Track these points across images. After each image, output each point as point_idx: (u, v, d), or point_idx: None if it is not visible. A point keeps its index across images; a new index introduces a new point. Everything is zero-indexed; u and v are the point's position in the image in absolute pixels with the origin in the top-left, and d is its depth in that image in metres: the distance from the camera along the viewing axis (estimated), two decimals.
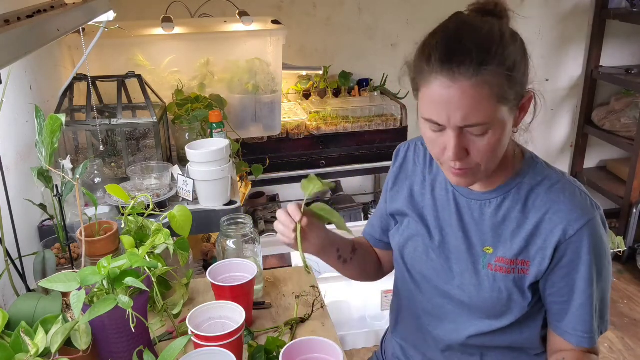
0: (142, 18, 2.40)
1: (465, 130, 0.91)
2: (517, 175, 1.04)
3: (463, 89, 0.87)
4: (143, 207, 1.26)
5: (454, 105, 0.89)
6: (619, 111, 3.13)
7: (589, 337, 1.03)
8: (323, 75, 2.84)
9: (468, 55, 0.87)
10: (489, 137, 0.92)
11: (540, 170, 1.04)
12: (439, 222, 1.11)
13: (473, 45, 0.88)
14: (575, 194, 1.01)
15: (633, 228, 3.02)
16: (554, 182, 1.02)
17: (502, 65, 0.88)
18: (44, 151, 1.18)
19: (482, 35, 0.89)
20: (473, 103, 0.88)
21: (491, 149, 0.93)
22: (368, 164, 2.69)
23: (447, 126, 0.91)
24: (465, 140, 0.93)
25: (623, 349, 2.54)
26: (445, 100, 0.89)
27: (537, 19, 3.10)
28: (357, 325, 2.37)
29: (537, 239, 1.01)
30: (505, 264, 1.03)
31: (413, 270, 1.16)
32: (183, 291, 1.27)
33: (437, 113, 0.91)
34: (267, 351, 1.07)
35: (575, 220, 0.98)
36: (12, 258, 1.14)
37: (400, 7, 2.88)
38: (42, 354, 0.90)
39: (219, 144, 1.57)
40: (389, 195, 1.22)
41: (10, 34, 0.85)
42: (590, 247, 0.99)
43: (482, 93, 0.87)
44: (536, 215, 1.01)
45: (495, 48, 0.88)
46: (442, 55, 0.88)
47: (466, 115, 0.89)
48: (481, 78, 0.87)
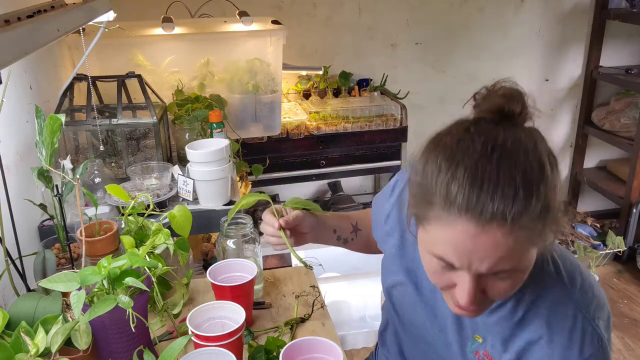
0: (142, 18, 2.41)
1: (485, 275, 0.76)
2: (524, 286, 0.86)
3: (496, 238, 0.71)
4: (143, 207, 1.26)
5: (480, 254, 0.73)
6: (619, 111, 3.13)
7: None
8: (323, 75, 2.84)
9: (502, 202, 0.70)
10: (514, 278, 0.78)
11: (548, 284, 0.87)
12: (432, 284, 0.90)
13: (509, 186, 0.70)
14: (577, 324, 0.84)
15: (633, 228, 3.02)
16: (558, 304, 0.86)
17: (539, 209, 0.72)
18: (44, 151, 1.18)
19: (517, 168, 0.72)
20: (505, 253, 0.72)
21: (514, 287, 0.80)
22: (368, 164, 2.69)
23: (464, 270, 0.76)
24: (483, 282, 0.77)
25: (623, 349, 2.54)
26: (470, 248, 0.73)
27: (537, 19, 3.11)
28: (357, 325, 2.37)
29: (529, 356, 0.87)
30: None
31: (400, 313, 1.10)
32: (183, 291, 1.27)
33: (456, 258, 0.75)
34: (267, 351, 1.07)
35: (569, 357, 0.83)
36: (12, 258, 1.14)
37: (400, 7, 2.88)
38: (42, 354, 0.90)
39: (219, 144, 1.57)
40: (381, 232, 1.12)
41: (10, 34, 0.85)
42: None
43: (518, 240, 0.72)
44: (530, 334, 0.87)
45: (536, 186, 0.72)
46: (468, 198, 0.71)
47: (494, 265, 0.74)
48: (518, 226, 0.71)
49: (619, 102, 3.17)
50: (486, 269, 0.74)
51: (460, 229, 0.72)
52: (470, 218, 0.71)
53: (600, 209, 3.47)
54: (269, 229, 1.09)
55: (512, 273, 0.76)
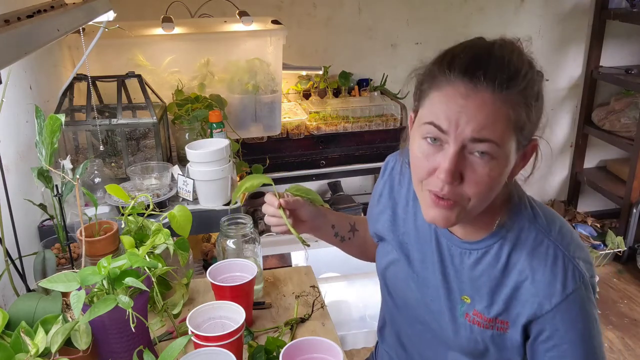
0: (142, 18, 2.40)
1: (468, 150, 0.82)
2: (501, 226, 0.95)
3: (484, 100, 0.80)
4: (143, 207, 1.26)
5: (469, 115, 0.80)
6: (619, 111, 3.13)
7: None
8: (323, 75, 2.84)
9: (498, 67, 0.80)
10: (492, 166, 0.83)
11: (527, 224, 0.94)
12: (422, 255, 1.05)
13: (504, 60, 0.81)
14: (558, 263, 0.91)
15: (633, 228, 3.02)
16: (538, 244, 0.92)
17: (527, 91, 0.82)
18: (44, 151, 1.18)
19: (512, 55, 0.83)
20: (491, 118, 0.80)
21: (490, 181, 0.84)
22: (368, 164, 2.69)
23: (451, 136, 0.82)
24: (463, 164, 0.83)
25: (623, 349, 2.54)
26: (460, 107, 0.81)
27: (537, 19, 3.11)
28: (357, 325, 2.37)
29: (515, 301, 0.94)
30: (483, 320, 0.97)
31: (395, 294, 1.13)
32: (183, 291, 1.27)
33: (447, 119, 0.82)
34: (267, 351, 1.07)
35: (553, 294, 0.89)
36: (12, 258, 1.14)
37: (400, 7, 2.88)
38: (42, 354, 0.90)
39: (219, 144, 1.57)
40: (374, 213, 1.16)
41: (10, 34, 0.85)
42: (571, 322, 0.90)
43: (503, 111, 0.80)
44: (515, 278, 0.93)
45: (525, 72, 0.82)
46: (468, 62, 0.82)
47: (480, 128, 0.80)
48: (506, 95, 0.80)
49: (619, 102, 3.17)
50: (470, 131, 0.80)
51: (455, 88, 0.81)
52: (464, 79, 0.81)
53: (600, 209, 3.47)
54: (269, 208, 1.11)
55: (491, 156, 0.82)
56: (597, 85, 3.29)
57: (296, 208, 1.12)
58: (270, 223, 1.13)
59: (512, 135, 0.82)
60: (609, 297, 2.86)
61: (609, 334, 2.63)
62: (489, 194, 0.87)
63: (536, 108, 0.84)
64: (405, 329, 1.15)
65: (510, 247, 0.94)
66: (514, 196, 0.96)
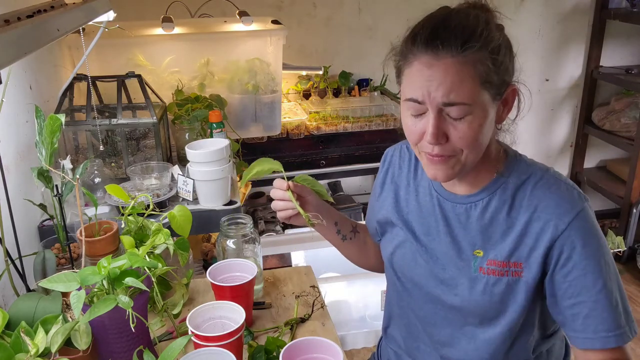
0: (142, 18, 2.40)
1: (445, 112, 0.91)
2: (501, 175, 1.02)
3: (446, 66, 0.88)
4: (143, 207, 1.26)
5: (437, 82, 0.89)
6: (619, 111, 3.13)
7: (614, 335, 0.96)
8: (323, 75, 2.84)
9: (453, 34, 0.88)
10: (470, 122, 0.91)
11: (524, 168, 1.02)
12: (425, 227, 1.10)
13: (458, 26, 0.90)
14: (561, 187, 0.99)
15: (633, 228, 3.02)
16: (538, 179, 1.00)
17: (486, 47, 0.89)
18: (44, 151, 1.18)
19: (467, 19, 0.91)
20: (456, 80, 0.88)
21: (473, 135, 0.92)
22: (368, 164, 2.69)
23: (427, 104, 0.90)
24: (445, 124, 0.92)
25: None
26: (428, 77, 0.89)
27: (537, 19, 3.11)
28: (357, 325, 2.37)
29: (527, 239, 0.99)
30: (497, 266, 1.01)
31: (403, 277, 1.15)
32: (183, 291, 1.27)
33: (419, 90, 0.91)
34: (267, 351, 1.07)
35: (564, 213, 0.96)
36: (12, 258, 1.14)
37: (400, 7, 2.88)
38: (42, 354, 0.90)
39: (219, 144, 1.57)
40: (377, 204, 1.20)
41: (10, 34, 0.85)
42: (586, 238, 0.96)
43: (465, 71, 0.88)
44: (524, 215, 0.99)
45: (480, 30, 0.89)
46: (427, 35, 0.90)
47: (448, 92, 0.88)
48: (465, 57, 0.88)
49: (619, 102, 3.17)
50: (442, 95, 0.88)
51: (420, 61, 0.90)
52: (427, 51, 0.89)
53: (600, 209, 3.47)
54: (278, 192, 1.13)
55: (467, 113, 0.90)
56: (597, 85, 3.29)
57: (303, 194, 1.14)
58: (277, 208, 1.14)
59: (481, 90, 0.90)
60: None
61: None
62: (478, 144, 0.94)
63: (501, 58, 0.91)
64: (417, 313, 1.15)
65: (513, 189, 1.01)
66: (510, 149, 1.05)
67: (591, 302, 0.96)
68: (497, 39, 0.91)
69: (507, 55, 0.93)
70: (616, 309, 0.97)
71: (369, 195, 1.25)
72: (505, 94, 0.95)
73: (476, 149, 0.94)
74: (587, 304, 0.97)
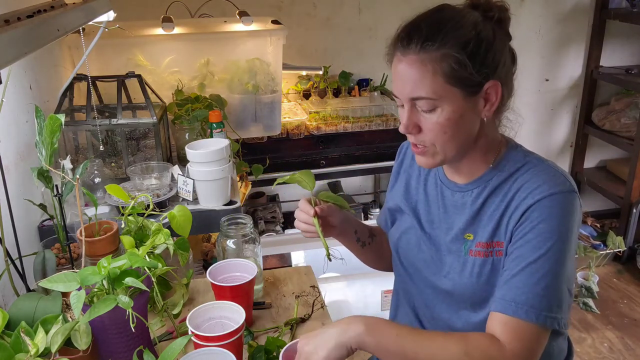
0: (142, 18, 2.40)
1: (418, 105, 0.96)
2: (497, 164, 1.05)
3: (410, 62, 0.94)
4: (143, 207, 1.26)
5: (404, 78, 0.96)
6: (619, 111, 3.13)
7: (515, 306, 0.93)
8: (323, 75, 2.84)
9: (418, 33, 0.94)
10: (438, 115, 0.95)
11: (521, 158, 1.04)
12: (430, 215, 1.15)
13: (425, 24, 0.95)
14: (549, 172, 1.00)
15: (633, 228, 3.02)
16: (531, 167, 1.02)
17: (448, 45, 0.92)
18: (44, 151, 1.18)
19: (438, 17, 0.96)
20: (417, 76, 0.94)
21: (441, 128, 0.96)
22: (368, 164, 2.69)
23: (401, 98, 0.98)
24: (417, 116, 0.98)
25: (623, 349, 2.54)
26: (399, 73, 0.97)
27: (537, 19, 3.10)
28: None
29: (505, 217, 1.01)
30: (482, 248, 1.03)
31: (406, 262, 1.19)
32: (183, 291, 1.27)
33: (394, 85, 0.99)
34: (267, 351, 1.07)
35: (539, 192, 0.97)
36: (12, 258, 1.14)
37: (400, 7, 2.88)
38: (42, 354, 0.90)
39: (219, 144, 1.57)
40: (389, 194, 1.26)
41: (10, 34, 0.85)
42: (547, 218, 0.95)
43: (426, 68, 0.93)
44: (509, 196, 1.01)
45: (447, 29, 0.93)
46: (401, 35, 0.97)
47: (412, 88, 0.95)
48: (425, 54, 0.93)
49: (619, 102, 3.17)
50: (408, 90, 0.95)
51: (395, 58, 0.98)
52: (399, 49, 0.97)
53: (600, 209, 3.47)
54: (303, 215, 1.14)
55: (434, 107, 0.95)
56: (597, 85, 3.28)
57: (329, 215, 1.15)
58: (301, 228, 1.16)
59: (447, 85, 0.94)
60: (609, 297, 2.86)
61: (609, 334, 2.63)
62: (449, 137, 0.98)
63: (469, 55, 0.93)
64: (417, 299, 1.19)
65: (507, 175, 1.03)
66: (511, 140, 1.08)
67: (516, 270, 0.95)
68: (465, 37, 0.93)
69: (484, 52, 0.94)
70: (535, 287, 0.93)
71: (369, 196, 1.28)
72: (484, 90, 0.96)
73: (449, 141, 0.98)
74: (511, 270, 0.96)
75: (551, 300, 0.93)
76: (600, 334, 2.63)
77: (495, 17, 0.98)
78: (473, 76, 0.94)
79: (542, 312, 0.92)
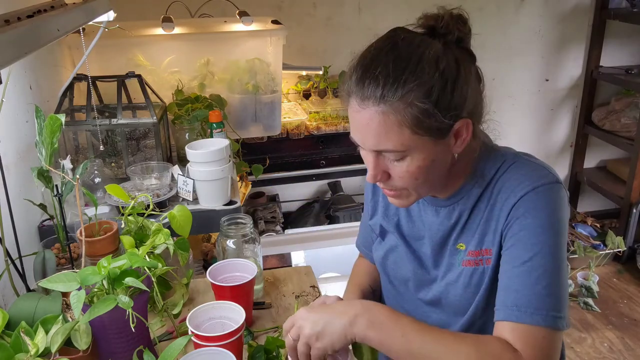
0: (142, 18, 2.40)
1: (383, 153, 0.91)
2: (475, 171, 1.00)
3: (370, 114, 0.87)
4: (143, 207, 1.26)
5: (365, 130, 0.89)
6: (619, 111, 3.13)
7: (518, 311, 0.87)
8: (323, 75, 2.84)
9: (375, 81, 0.85)
10: (408, 164, 0.90)
11: (498, 157, 0.99)
12: (414, 231, 1.10)
13: (383, 71, 0.85)
14: (529, 167, 0.96)
15: (633, 228, 3.02)
16: (510, 163, 0.97)
17: (410, 94, 0.84)
18: (44, 151, 1.18)
19: (395, 61, 0.86)
20: (381, 130, 0.87)
21: (412, 175, 0.91)
22: None
23: (364, 149, 0.92)
24: (384, 163, 0.92)
25: (623, 349, 2.54)
26: (357, 123, 0.90)
27: (537, 19, 3.11)
28: None
29: (491, 222, 0.97)
30: (472, 256, 1.00)
31: (395, 281, 1.15)
32: (183, 291, 1.27)
33: (355, 134, 0.92)
34: (267, 351, 1.07)
35: (521, 188, 0.92)
36: (12, 258, 1.14)
37: (400, 7, 2.88)
38: (42, 354, 0.90)
39: (219, 144, 1.57)
40: (370, 207, 1.21)
41: (10, 34, 0.85)
42: (534, 211, 0.91)
43: (389, 121, 0.86)
44: (492, 200, 0.97)
45: (405, 75, 0.85)
46: (358, 77, 0.88)
47: (376, 141, 0.88)
48: (386, 107, 0.85)
49: (619, 102, 3.17)
50: (372, 144, 0.89)
51: (352, 108, 0.89)
52: (355, 97, 0.88)
53: (600, 209, 3.47)
54: None
55: (402, 157, 0.89)
56: (597, 85, 3.29)
57: None
58: None
59: (413, 134, 0.87)
60: (609, 297, 2.86)
61: (609, 334, 2.63)
62: (421, 181, 0.93)
63: (437, 98, 0.85)
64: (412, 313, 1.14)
65: (488, 180, 0.98)
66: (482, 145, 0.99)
67: (512, 273, 0.91)
68: (427, 84, 0.85)
69: (449, 94, 0.87)
70: (534, 287, 0.88)
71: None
72: (453, 130, 0.90)
73: (422, 184, 0.94)
74: (507, 273, 0.92)
75: (554, 298, 0.88)
76: (600, 334, 2.63)
77: (455, 39, 0.91)
78: (442, 123, 0.87)
79: (548, 312, 0.87)
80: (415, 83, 0.84)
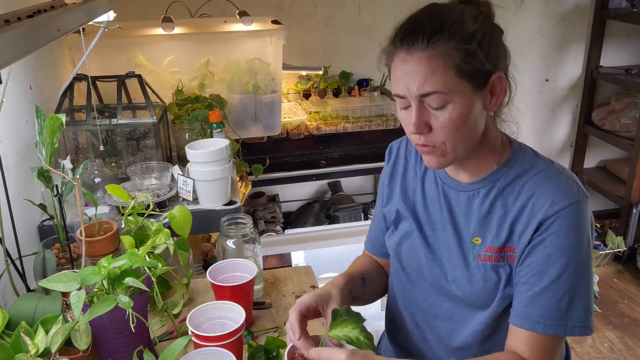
0: (142, 18, 2.40)
1: (426, 103, 0.94)
2: (504, 164, 1.03)
3: (418, 59, 0.92)
4: (143, 207, 1.26)
5: (412, 76, 0.93)
6: (619, 111, 3.13)
7: (544, 324, 0.95)
8: (323, 75, 2.84)
9: (421, 29, 0.92)
10: (450, 111, 0.93)
11: (528, 159, 1.03)
12: (430, 217, 1.12)
13: (428, 20, 0.93)
14: (562, 179, 1.00)
15: (633, 228, 3.02)
16: (541, 169, 1.01)
17: (455, 38, 0.91)
18: (44, 151, 1.18)
19: (439, 12, 0.94)
20: (428, 72, 0.92)
21: (453, 124, 0.94)
22: (368, 164, 2.69)
23: (408, 97, 0.95)
24: (426, 114, 0.95)
25: (623, 349, 2.54)
26: (405, 72, 0.94)
27: (537, 19, 3.11)
28: None
29: (519, 224, 0.99)
30: (493, 253, 1.01)
31: (408, 267, 1.16)
32: (183, 291, 1.27)
33: (399, 85, 0.96)
34: (267, 351, 1.07)
35: (557, 201, 0.96)
36: (12, 258, 1.14)
37: (400, 7, 2.87)
38: (42, 354, 0.90)
39: (219, 144, 1.57)
40: (385, 195, 1.22)
41: (10, 34, 0.85)
42: (567, 230, 0.95)
43: (436, 63, 0.91)
44: (521, 201, 0.99)
45: (450, 23, 0.92)
46: (402, 34, 0.95)
47: (422, 84, 0.92)
48: (434, 49, 0.91)
49: (619, 102, 3.17)
50: (417, 87, 0.93)
51: (399, 58, 0.95)
52: (402, 48, 0.94)
53: (600, 209, 3.47)
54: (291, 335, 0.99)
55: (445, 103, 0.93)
56: (597, 85, 3.29)
57: None
58: None
59: (457, 79, 0.92)
60: (609, 297, 2.86)
61: (609, 334, 2.63)
62: (460, 135, 0.96)
63: (474, 47, 0.92)
64: (421, 304, 1.15)
65: (515, 176, 1.02)
66: (514, 140, 1.07)
67: (539, 287, 0.96)
68: (470, 29, 0.92)
69: (486, 46, 0.94)
70: (560, 302, 0.96)
71: (369, 196, 1.25)
72: (490, 82, 0.96)
73: (461, 138, 0.96)
74: (535, 288, 0.97)
75: (579, 312, 0.97)
76: (601, 334, 2.63)
77: (484, 13, 0.98)
78: (484, 66, 0.93)
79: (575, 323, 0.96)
80: (459, 29, 0.92)
